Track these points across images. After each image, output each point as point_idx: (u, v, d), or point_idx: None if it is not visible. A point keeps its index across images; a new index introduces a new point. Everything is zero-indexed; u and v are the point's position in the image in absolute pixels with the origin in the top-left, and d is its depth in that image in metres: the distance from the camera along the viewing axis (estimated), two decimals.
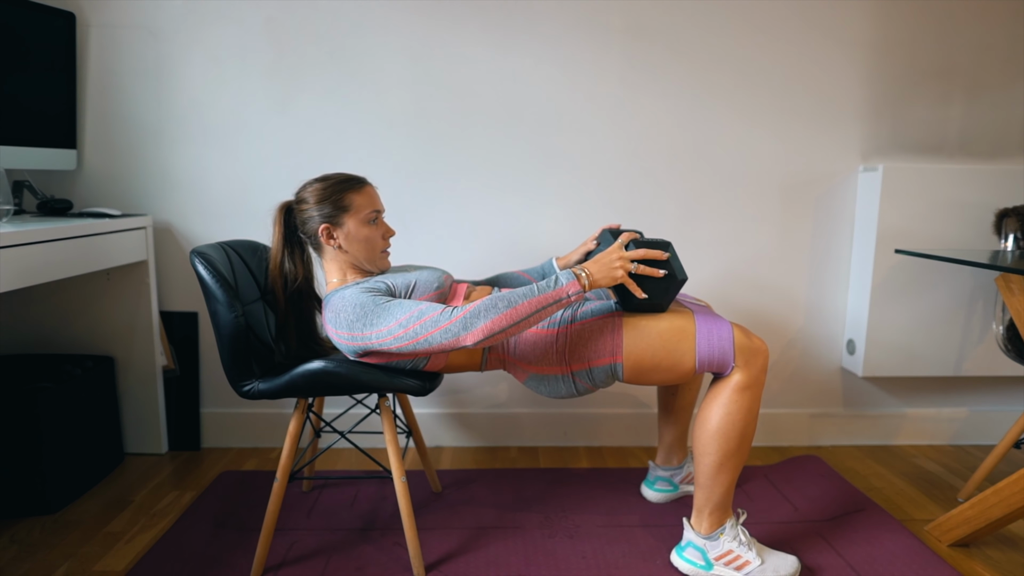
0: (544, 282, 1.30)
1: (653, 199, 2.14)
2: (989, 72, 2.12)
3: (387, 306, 1.31)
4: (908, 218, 2.06)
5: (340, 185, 1.45)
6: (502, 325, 1.25)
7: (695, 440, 1.44)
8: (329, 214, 1.43)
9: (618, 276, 1.32)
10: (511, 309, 1.26)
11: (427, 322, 1.27)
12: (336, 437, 2.20)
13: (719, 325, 1.40)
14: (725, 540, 1.44)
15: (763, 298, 2.21)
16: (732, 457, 1.41)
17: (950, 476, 2.05)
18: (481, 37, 2.04)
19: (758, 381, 1.39)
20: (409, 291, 1.41)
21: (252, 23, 2.01)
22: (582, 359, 1.41)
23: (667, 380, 1.42)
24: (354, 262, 1.48)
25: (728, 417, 1.39)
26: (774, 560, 1.45)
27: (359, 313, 1.31)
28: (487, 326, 1.25)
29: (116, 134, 2.06)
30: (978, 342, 2.13)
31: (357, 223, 1.45)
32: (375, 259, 1.49)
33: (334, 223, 1.44)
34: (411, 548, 1.48)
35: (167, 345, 2.13)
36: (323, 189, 1.45)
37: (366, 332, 1.31)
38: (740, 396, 1.38)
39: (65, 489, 1.81)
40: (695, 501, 1.47)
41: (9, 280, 1.47)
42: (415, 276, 1.44)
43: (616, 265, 1.32)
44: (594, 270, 1.32)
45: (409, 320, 1.28)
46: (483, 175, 2.11)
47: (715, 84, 2.09)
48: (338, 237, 1.45)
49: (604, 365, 1.41)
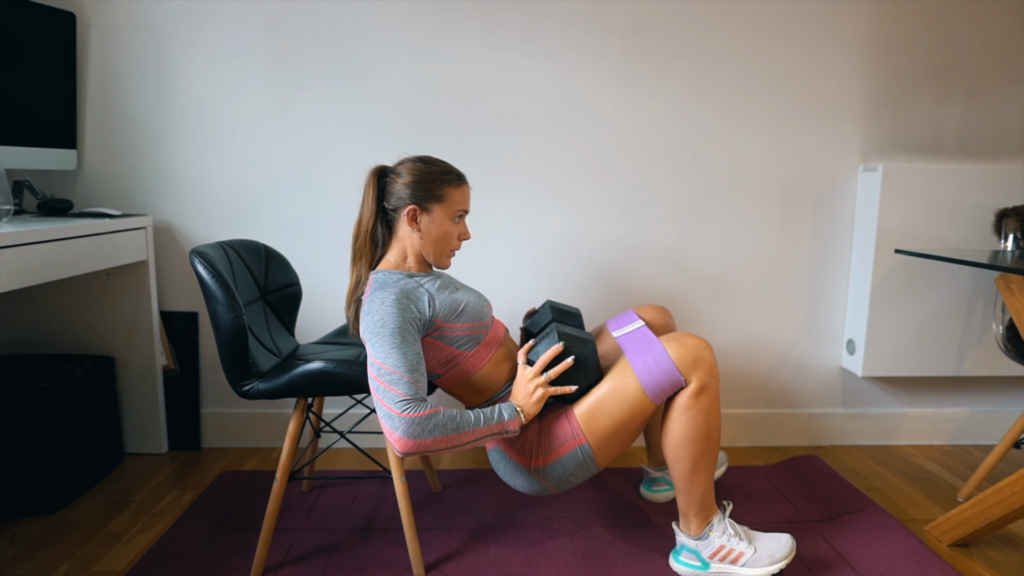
0: (489, 411, 1.32)
1: (653, 199, 2.14)
2: (989, 72, 2.12)
3: (395, 346, 1.28)
4: (908, 218, 2.06)
5: (442, 175, 1.44)
6: (439, 446, 1.26)
7: (665, 450, 1.45)
8: (422, 197, 1.42)
9: (541, 396, 1.37)
10: (456, 435, 1.27)
11: (391, 394, 1.25)
12: (336, 437, 2.20)
13: (652, 352, 1.40)
14: (715, 537, 1.45)
15: (763, 298, 2.21)
16: (703, 458, 1.42)
17: (950, 476, 2.05)
18: (481, 37, 2.04)
19: (711, 379, 1.39)
20: (456, 313, 1.39)
21: (252, 23, 2.02)
22: (548, 451, 1.42)
23: (638, 428, 1.43)
24: (421, 250, 1.46)
25: (691, 423, 1.40)
26: (767, 544, 1.46)
27: (378, 327, 1.30)
28: (425, 442, 1.24)
29: (116, 134, 2.06)
30: (978, 342, 2.13)
31: (444, 216, 1.44)
32: (442, 255, 1.48)
33: (423, 207, 1.43)
34: (411, 548, 1.48)
35: (167, 345, 2.13)
36: (425, 172, 1.43)
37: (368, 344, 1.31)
38: (697, 401, 1.39)
39: (65, 489, 1.81)
40: (679, 506, 1.48)
41: (9, 280, 1.47)
42: (464, 299, 1.42)
43: (532, 389, 1.37)
44: (521, 403, 1.37)
45: (386, 374, 1.26)
46: (483, 175, 2.11)
47: (715, 84, 2.09)
48: (421, 222, 1.43)
49: (571, 451, 1.41)
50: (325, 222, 2.11)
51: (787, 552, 1.45)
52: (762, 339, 2.23)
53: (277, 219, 2.10)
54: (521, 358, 1.44)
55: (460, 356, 1.42)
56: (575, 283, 2.18)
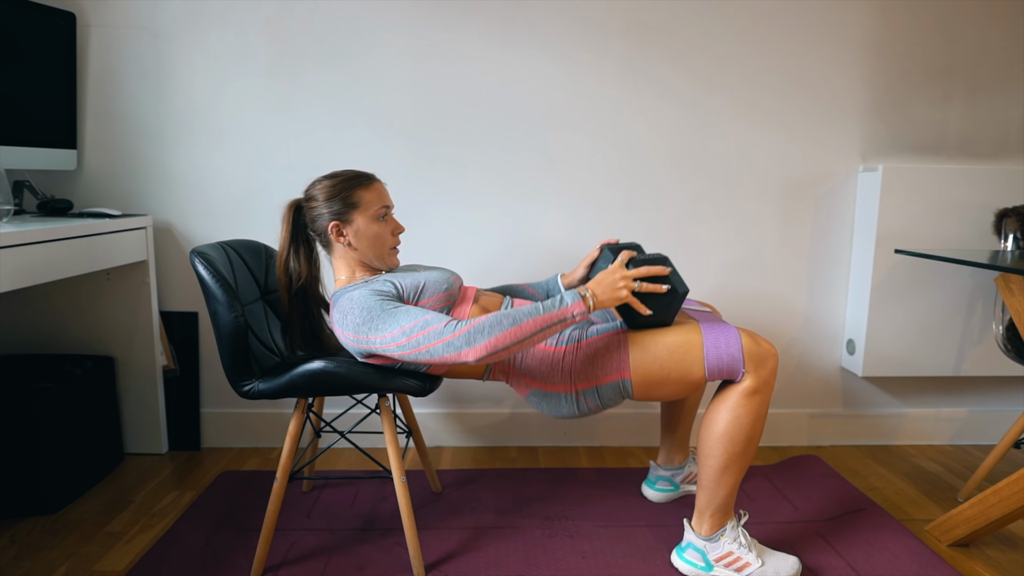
0: (549, 301, 1.30)
1: (653, 199, 2.14)
2: (989, 72, 2.12)
3: (394, 312, 1.30)
4: (908, 218, 2.06)
5: (349, 182, 1.45)
6: (505, 343, 1.24)
7: (700, 442, 1.43)
8: (339, 211, 1.43)
9: (622, 296, 1.32)
10: (516, 327, 1.25)
11: (431, 333, 1.26)
12: (336, 437, 2.20)
13: (726, 332, 1.39)
14: (725, 542, 1.44)
15: (763, 298, 2.21)
16: (737, 460, 1.40)
17: (950, 476, 2.05)
18: (481, 37, 2.04)
19: (767, 385, 1.38)
20: (418, 292, 1.39)
21: (252, 23, 2.01)
22: (589, 378, 1.41)
23: (678, 392, 1.42)
24: (363, 259, 1.47)
25: (736, 421, 1.38)
26: (774, 561, 1.45)
27: (365, 317, 1.30)
28: (491, 342, 1.24)
29: (116, 134, 2.06)
30: (978, 342, 2.13)
31: (367, 220, 1.44)
32: (384, 256, 1.48)
33: (343, 220, 1.43)
34: (411, 548, 1.48)
35: (167, 345, 2.13)
36: (332, 186, 1.44)
37: (371, 336, 1.31)
38: (748, 400, 1.38)
39: (65, 489, 1.81)
40: (697, 503, 1.47)
41: (9, 280, 1.47)
42: (424, 277, 1.42)
43: (620, 285, 1.32)
44: (598, 291, 1.32)
45: (413, 329, 1.27)
46: (483, 175, 2.11)
47: (715, 84, 2.09)
48: (348, 234, 1.44)
49: (612, 382, 1.40)
50: None
51: (792, 573, 1.44)
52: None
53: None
54: (623, 256, 1.37)
55: None
56: None
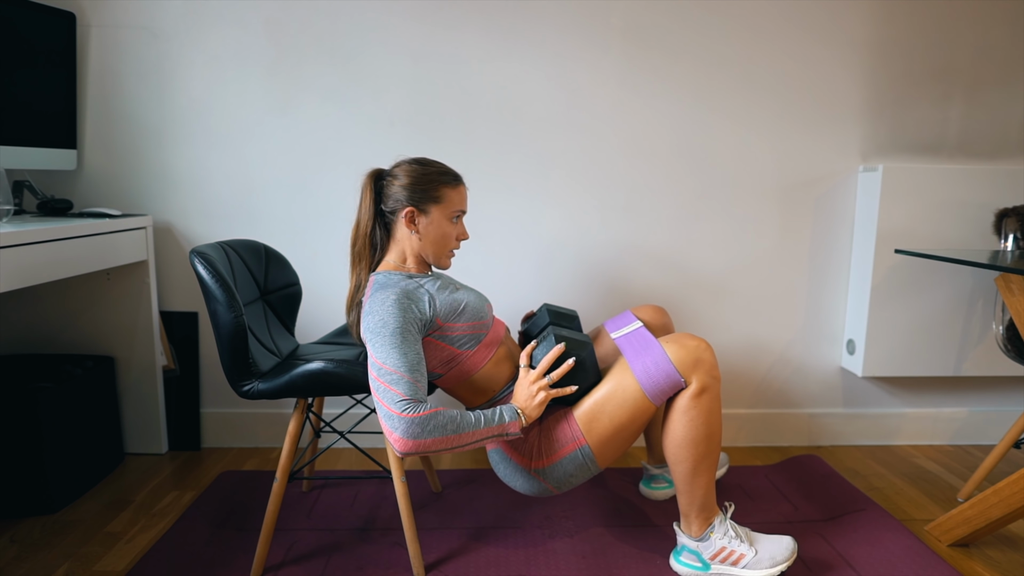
0: (490, 413, 1.32)
1: (653, 200, 2.14)
2: (989, 72, 2.12)
3: (398, 346, 1.28)
4: (908, 218, 2.06)
5: (439, 176, 1.44)
6: (438, 447, 1.26)
7: (666, 451, 1.44)
8: (419, 199, 1.42)
9: (543, 399, 1.36)
10: (456, 435, 1.26)
11: (392, 394, 1.25)
12: (336, 437, 2.20)
13: (651, 353, 1.40)
14: (716, 538, 1.45)
15: (763, 298, 2.21)
16: (704, 459, 1.41)
17: (950, 476, 2.05)
18: (481, 38, 2.04)
19: (711, 380, 1.39)
20: (457, 313, 1.39)
21: (252, 23, 2.02)
22: (548, 453, 1.42)
23: (639, 429, 1.43)
24: (421, 252, 1.46)
25: (691, 424, 1.39)
26: (768, 546, 1.45)
27: (379, 328, 1.30)
28: (424, 443, 1.24)
29: (116, 134, 2.06)
30: (978, 342, 2.13)
31: (441, 217, 1.44)
32: (441, 256, 1.48)
33: (420, 209, 1.43)
34: (411, 548, 1.48)
35: (167, 345, 2.13)
36: (421, 174, 1.43)
37: (370, 347, 1.31)
38: (697, 402, 1.39)
39: (65, 489, 1.81)
40: (680, 507, 1.48)
41: (9, 280, 1.47)
42: (464, 298, 1.42)
43: (535, 392, 1.36)
44: (523, 406, 1.36)
45: (390, 376, 1.26)
46: (483, 175, 2.11)
47: (715, 85, 2.09)
48: (419, 223, 1.44)
49: (571, 453, 1.41)
50: (325, 222, 2.11)
51: (788, 555, 1.45)
52: (762, 339, 2.23)
53: (277, 219, 2.10)
54: (523, 361, 1.43)
55: (461, 355, 1.42)
56: (574, 283, 2.18)
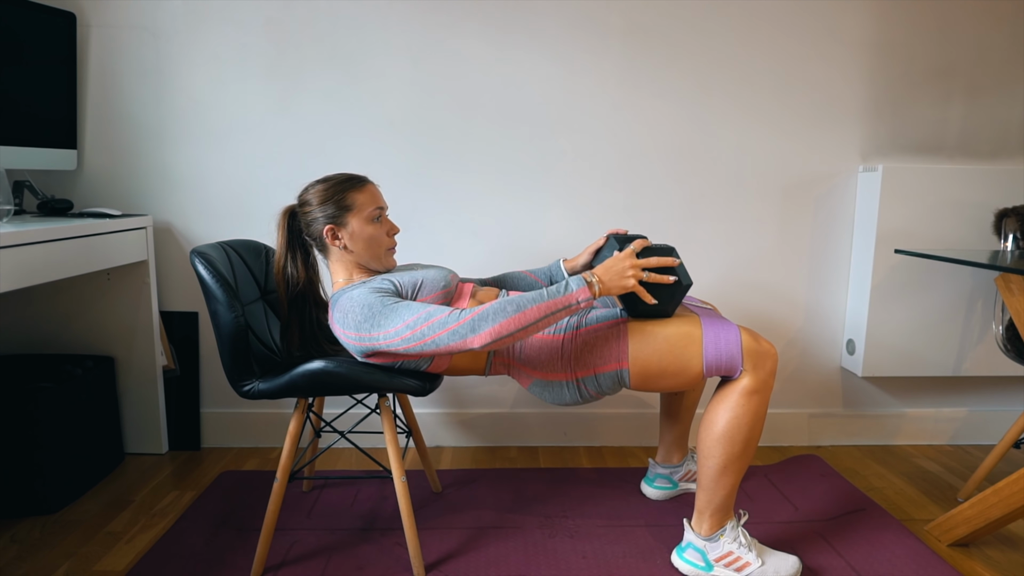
0: (554, 287, 1.29)
1: (653, 199, 2.14)
2: (989, 72, 2.12)
3: (395, 307, 1.30)
4: (908, 218, 2.06)
5: (342, 185, 1.45)
6: (510, 329, 1.24)
7: (699, 442, 1.43)
8: (333, 214, 1.43)
9: (630, 285, 1.31)
10: (520, 313, 1.25)
11: (435, 323, 1.26)
12: (336, 437, 2.20)
13: (726, 329, 1.39)
14: (725, 542, 1.44)
15: (763, 298, 2.21)
16: (736, 461, 1.40)
17: (950, 476, 2.05)
18: (481, 37, 2.04)
19: (766, 385, 1.38)
20: (416, 290, 1.40)
21: (252, 23, 2.01)
22: (588, 365, 1.40)
23: (675, 386, 1.41)
24: (360, 261, 1.47)
25: (735, 420, 1.38)
26: (775, 561, 1.45)
27: (367, 314, 1.30)
28: (495, 329, 1.24)
29: (116, 134, 2.06)
30: (978, 342, 2.13)
31: (361, 222, 1.44)
32: (380, 257, 1.48)
33: (338, 223, 1.44)
34: (411, 548, 1.48)
35: (167, 345, 2.13)
36: (325, 190, 1.45)
37: (374, 333, 1.30)
38: (747, 400, 1.37)
39: (65, 489, 1.81)
40: (697, 503, 1.47)
41: (9, 280, 1.47)
42: (421, 275, 1.43)
43: (628, 274, 1.31)
44: (605, 278, 1.30)
45: (417, 321, 1.27)
46: (483, 175, 2.11)
47: (715, 84, 2.09)
48: (343, 237, 1.44)
49: (610, 371, 1.40)
50: None
51: (792, 573, 1.44)
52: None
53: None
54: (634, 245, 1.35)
55: None
56: None
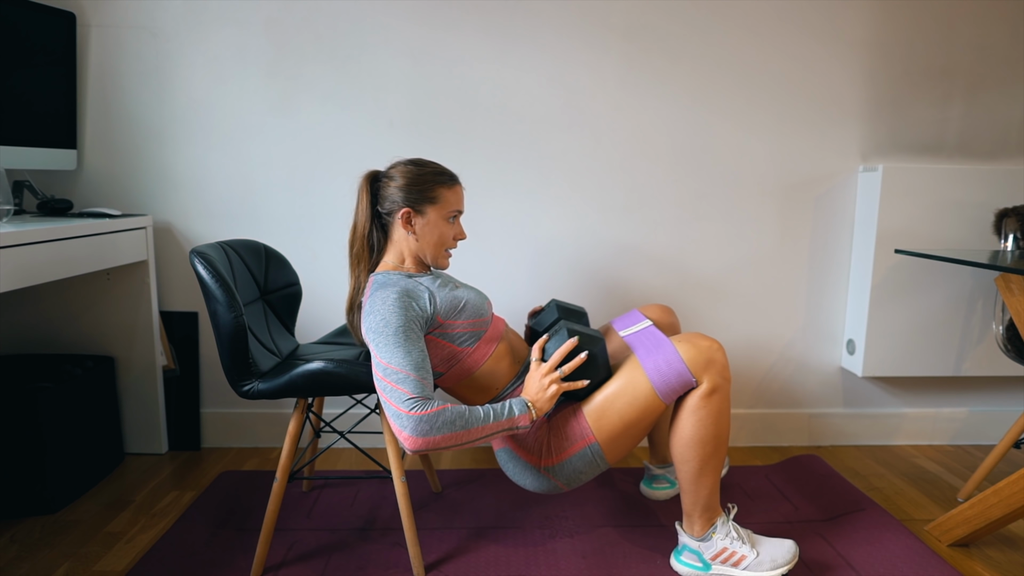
0: (499, 407, 1.31)
1: (653, 200, 2.14)
2: (989, 72, 2.12)
3: (402, 344, 1.29)
4: (908, 218, 2.06)
5: (435, 176, 1.44)
6: (448, 443, 1.25)
7: (672, 450, 1.44)
8: (415, 200, 1.42)
9: (554, 392, 1.35)
10: (465, 431, 1.26)
11: (398, 393, 1.25)
12: (336, 437, 2.20)
13: (663, 350, 1.40)
14: (718, 539, 1.45)
15: (763, 298, 2.21)
16: (710, 460, 1.41)
17: (950, 476, 2.05)
18: (481, 38, 2.04)
19: (722, 381, 1.39)
20: (457, 311, 1.39)
21: (252, 23, 2.02)
22: (557, 451, 1.42)
23: (647, 427, 1.43)
24: (418, 252, 1.47)
25: (699, 423, 1.39)
26: (770, 549, 1.45)
27: (382, 327, 1.30)
28: (435, 440, 1.23)
29: (116, 134, 2.06)
30: (978, 342, 2.13)
31: (438, 217, 1.44)
32: (439, 256, 1.48)
33: (417, 210, 1.43)
34: (411, 548, 1.48)
35: (167, 345, 2.13)
36: (417, 175, 1.43)
37: (373, 348, 1.31)
38: (707, 402, 1.38)
39: (65, 489, 1.81)
40: (683, 506, 1.48)
41: (9, 280, 1.47)
42: (464, 296, 1.42)
43: (547, 384, 1.35)
44: (536, 400, 1.35)
45: (395, 375, 1.26)
46: (483, 176, 2.11)
47: (715, 85, 2.09)
48: (416, 224, 1.44)
49: (580, 451, 1.41)
50: (325, 222, 2.11)
51: (789, 558, 1.44)
52: (762, 339, 2.23)
53: (277, 219, 2.10)
54: (535, 354, 1.42)
55: (461, 353, 1.42)
56: (575, 283, 2.18)
